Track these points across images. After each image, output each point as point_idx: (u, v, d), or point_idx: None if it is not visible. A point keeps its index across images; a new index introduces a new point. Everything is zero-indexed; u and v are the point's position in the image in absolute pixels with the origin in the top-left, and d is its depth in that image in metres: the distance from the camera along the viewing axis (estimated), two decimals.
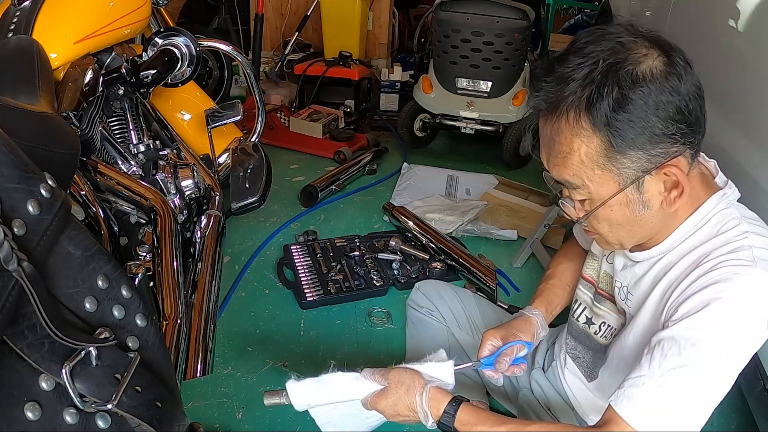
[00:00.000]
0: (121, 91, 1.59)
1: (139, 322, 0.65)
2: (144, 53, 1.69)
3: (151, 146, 1.64)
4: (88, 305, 0.61)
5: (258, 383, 1.72)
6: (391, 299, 2.15)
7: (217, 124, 1.86)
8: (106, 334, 0.61)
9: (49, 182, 0.59)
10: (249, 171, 1.74)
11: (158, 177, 1.61)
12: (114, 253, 1.39)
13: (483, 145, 3.55)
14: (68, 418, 0.56)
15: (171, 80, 1.76)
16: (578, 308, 1.13)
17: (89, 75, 1.46)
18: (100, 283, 0.62)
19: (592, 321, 1.10)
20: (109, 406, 0.58)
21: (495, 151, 3.34)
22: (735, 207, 0.88)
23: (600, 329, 1.07)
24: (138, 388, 0.61)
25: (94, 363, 0.59)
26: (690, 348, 0.79)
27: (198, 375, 1.23)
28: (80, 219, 1.31)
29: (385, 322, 2.03)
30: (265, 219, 2.65)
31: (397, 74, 4.02)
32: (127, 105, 1.62)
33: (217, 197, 1.67)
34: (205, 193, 1.67)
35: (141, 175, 1.58)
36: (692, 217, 0.88)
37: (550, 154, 0.87)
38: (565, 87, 0.81)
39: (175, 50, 1.69)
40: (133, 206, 1.42)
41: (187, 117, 2.09)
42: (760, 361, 1.37)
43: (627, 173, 0.82)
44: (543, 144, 0.89)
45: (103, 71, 1.55)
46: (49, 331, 0.54)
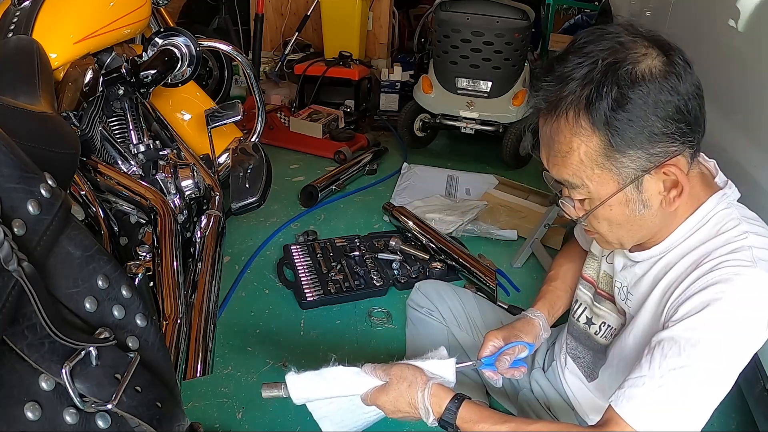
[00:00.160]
0: (121, 91, 1.59)
1: (139, 322, 0.65)
2: (144, 53, 1.69)
3: (151, 146, 1.64)
4: (88, 305, 0.61)
5: (258, 383, 1.71)
6: (391, 299, 2.15)
7: (217, 124, 1.86)
8: (106, 334, 0.61)
9: (49, 182, 0.59)
10: (249, 171, 1.74)
11: (158, 177, 1.61)
12: (114, 253, 1.39)
13: (483, 145, 3.55)
14: (68, 418, 0.56)
15: (171, 80, 1.76)
16: (578, 308, 1.13)
17: (89, 75, 1.46)
18: (100, 283, 0.62)
19: (592, 321, 1.10)
20: (109, 406, 0.58)
21: (495, 151, 3.34)
22: (735, 207, 0.88)
23: (600, 329, 1.07)
24: (138, 388, 0.61)
25: (94, 363, 0.58)
26: (690, 348, 0.79)
27: (198, 375, 1.23)
28: (80, 219, 1.31)
29: (385, 322, 2.03)
30: (265, 219, 2.65)
31: (397, 74, 4.02)
32: (127, 105, 1.62)
33: (217, 197, 1.67)
34: (205, 193, 1.67)
35: (141, 175, 1.58)
36: (692, 217, 0.88)
37: (549, 154, 0.87)
38: (565, 86, 0.81)
39: (175, 50, 1.69)
40: (133, 206, 1.42)
41: (187, 117, 2.09)
42: (760, 361, 1.37)
43: (626, 172, 0.82)
44: (543, 143, 0.89)
45: (103, 71, 1.55)
46: (49, 331, 0.54)
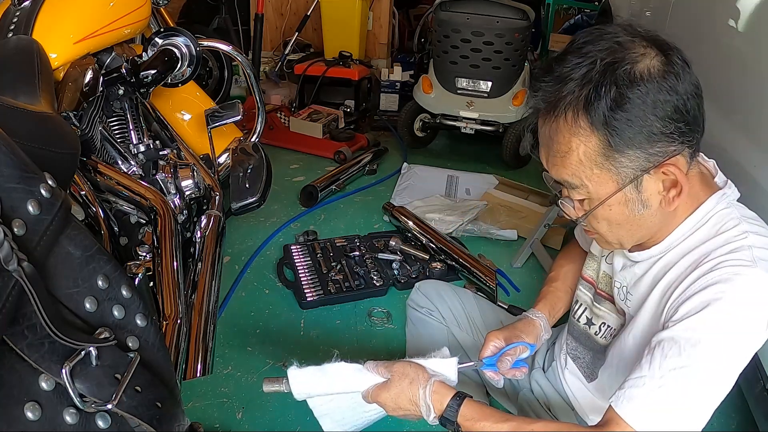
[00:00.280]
0: (121, 91, 1.59)
1: (139, 322, 0.65)
2: (144, 53, 1.69)
3: (151, 146, 1.64)
4: (88, 305, 0.61)
5: (258, 383, 1.70)
6: (391, 299, 2.15)
7: (217, 124, 1.86)
8: (106, 334, 0.61)
9: (49, 182, 0.59)
10: (249, 171, 1.74)
11: (158, 177, 1.61)
12: (114, 253, 1.39)
13: (483, 145, 3.55)
14: (68, 418, 0.56)
15: (171, 80, 1.76)
16: (578, 309, 1.13)
17: (89, 75, 1.46)
18: (100, 283, 0.62)
19: (592, 321, 1.10)
20: (109, 406, 0.58)
21: (495, 151, 3.34)
22: (735, 207, 0.88)
23: (600, 330, 1.07)
24: (138, 388, 0.61)
25: (94, 363, 0.59)
26: (690, 349, 0.79)
27: (198, 375, 1.23)
28: (80, 219, 1.31)
29: (385, 322, 2.03)
30: (265, 219, 2.65)
31: (397, 74, 4.02)
32: (127, 105, 1.62)
33: (217, 197, 1.67)
34: (205, 193, 1.67)
35: (141, 175, 1.58)
36: (692, 216, 0.88)
37: (548, 154, 0.87)
38: (563, 87, 0.81)
39: (175, 50, 1.69)
40: (133, 206, 1.42)
41: (187, 117, 2.09)
42: (760, 361, 1.36)
43: (625, 172, 0.82)
44: (542, 144, 0.89)
45: (103, 71, 1.55)
46: (49, 331, 0.54)
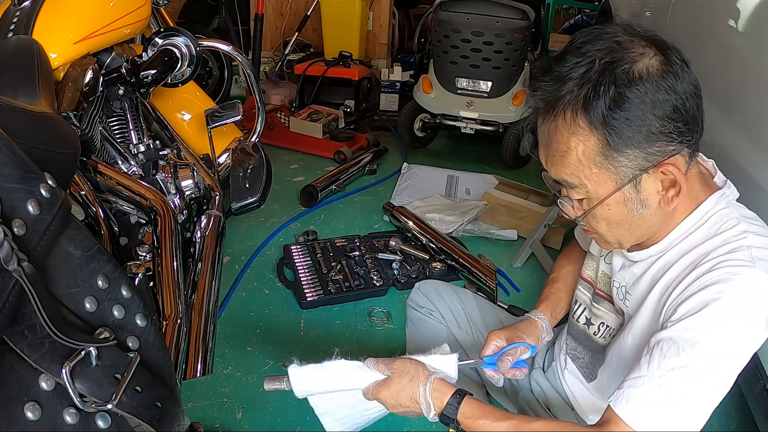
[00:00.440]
0: (121, 91, 1.59)
1: (139, 322, 0.65)
2: (144, 53, 1.69)
3: (151, 146, 1.64)
4: (88, 305, 0.61)
5: (258, 383, 1.72)
6: (391, 299, 2.15)
7: (217, 124, 1.86)
8: (106, 334, 0.61)
9: (49, 182, 0.59)
10: (249, 171, 1.74)
11: (158, 177, 1.61)
12: (114, 253, 1.39)
13: (483, 145, 3.55)
14: (68, 418, 0.56)
15: (171, 80, 1.76)
16: (578, 309, 1.13)
17: (89, 75, 1.46)
18: (100, 283, 0.62)
19: (591, 321, 1.10)
20: (109, 406, 0.58)
21: (495, 151, 3.34)
22: (734, 206, 0.88)
23: (599, 330, 1.07)
24: (138, 388, 0.61)
25: (94, 363, 0.58)
26: (689, 349, 0.79)
27: (198, 375, 1.24)
28: (80, 219, 1.31)
29: (385, 322, 2.03)
30: (265, 219, 2.65)
31: (397, 74, 4.02)
32: (127, 105, 1.62)
33: (217, 197, 1.67)
34: (205, 193, 1.68)
35: (141, 175, 1.58)
36: (691, 216, 0.88)
37: (548, 153, 0.87)
38: (562, 86, 0.81)
39: (175, 50, 1.69)
40: (133, 206, 1.42)
41: (187, 117, 2.09)
42: (760, 361, 1.37)
43: (624, 172, 0.82)
44: (541, 143, 0.89)
45: (103, 71, 1.55)
46: (49, 331, 0.54)
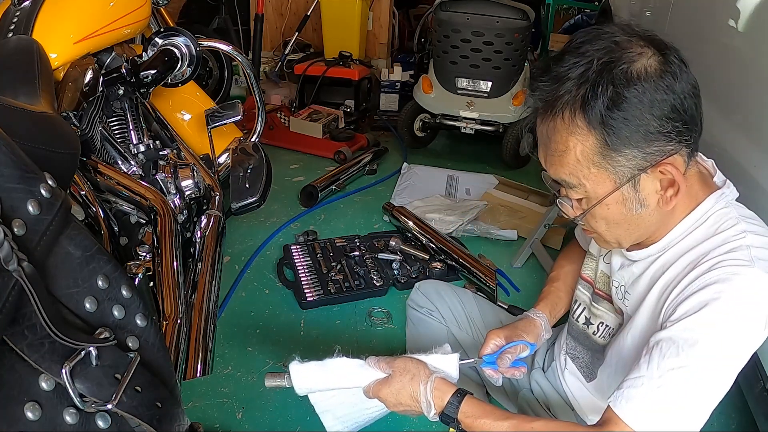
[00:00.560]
0: (121, 91, 1.59)
1: (139, 322, 0.65)
2: (144, 53, 1.69)
3: (151, 146, 1.64)
4: (88, 305, 0.61)
5: (258, 383, 1.72)
6: (391, 299, 2.15)
7: (217, 124, 1.86)
8: (106, 334, 0.61)
9: (49, 182, 0.59)
10: (249, 171, 1.74)
11: (158, 177, 1.62)
12: (114, 253, 1.39)
13: (483, 145, 3.55)
14: (68, 418, 0.56)
15: (171, 80, 1.76)
16: (577, 308, 1.14)
17: (89, 75, 1.47)
18: (100, 283, 0.62)
19: (590, 321, 1.10)
20: (109, 406, 0.58)
21: (495, 151, 3.34)
22: (733, 206, 0.89)
23: (598, 329, 1.07)
24: (138, 388, 0.61)
25: (94, 363, 0.59)
26: (688, 349, 0.79)
27: (198, 375, 1.24)
28: (80, 219, 1.32)
29: (385, 322, 2.03)
30: (265, 219, 2.65)
31: (397, 74, 4.02)
32: (127, 105, 1.62)
33: (217, 197, 1.67)
34: (205, 193, 1.68)
35: (141, 175, 1.58)
36: (690, 216, 0.88)
37: (546, 153, 0.87)
38: (561, 86, 0.81)
39: (175, 50, 1.69)
40: (133, 206, 1.42)
41: (187, 117, 2.09)
42: (760, 361, 1.36)
43: (622, 171, 0.82)
44: (540, 143, 0.89)
45: (103, 71, 1.55)
46: (49, 331, 0.54)
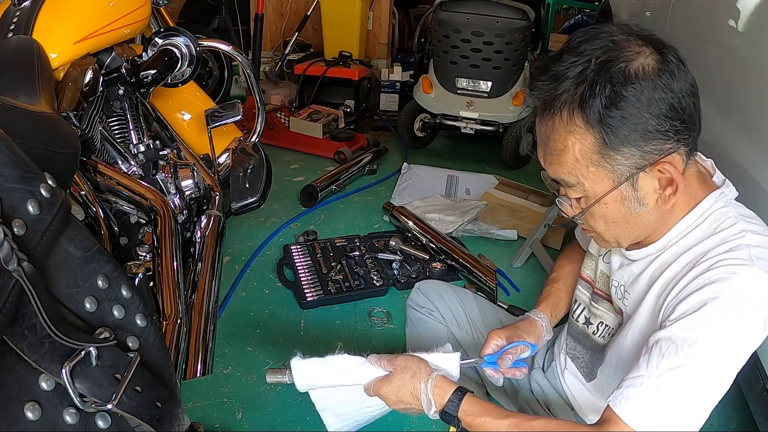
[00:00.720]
0: (121, 91, 1.59)
1: (139, 322, 0.65)
2: (144, 53, 1.69)
3: (151, 146, 1.64)
4: (88, 305, 0.61)
5: (258, 383, 1.72)
6: (391, 299, 2.15)
7: (217, 124, 1.86)
8: (106, 334, 0.61)
9: (49, 182, 0.59)
10: (249, 171, 1.74)
11: (158, 177, 1.61)
12: (114, 253, 1.39)
13: (483, 145, 3.55)
14: (68, 418, 0.56)
15: (171, 80, 1.76)
16: (577, 308, 1.14)
17: (89, 75, 1.46)
18: (100, 283, 0.62)
19: (590, 321, 1.10)
20: (109, 406, 0.58)
21: (495, 151, 3.35)
22: (732, 205, 0.89)
23: (598, 329, 1.07)
24: (138, 388, 0.61)
25: (94, 363, 0.59)
26: (688, 348, 0.79)
27: (198, 375, 1.24)
28: (80, 219, 1.32)
29: (385, 322, 2.03)
30: (265, 219, 2.65)
31: (397, 74, 4.02)
32: (127, 105, 1.62)
33: (217, 197, 1.67)
34: (205, 193, 1.68)
35: (141, 175, 1.58)
36: (689, 215, 0.89)
37: (545, 152, 0.88)
38: (559, 85, 0.81)
39: (175, 50, 1.69)
40: (133, 206, 1.42)
41: (187, 117, 2.09)
42: (760, 360, 1.36)
43: (621, 170, 0.82)
44: (539, 142, 0.89)
45: (103, 71, 1.55)
46: (49, 331, 0.54)
